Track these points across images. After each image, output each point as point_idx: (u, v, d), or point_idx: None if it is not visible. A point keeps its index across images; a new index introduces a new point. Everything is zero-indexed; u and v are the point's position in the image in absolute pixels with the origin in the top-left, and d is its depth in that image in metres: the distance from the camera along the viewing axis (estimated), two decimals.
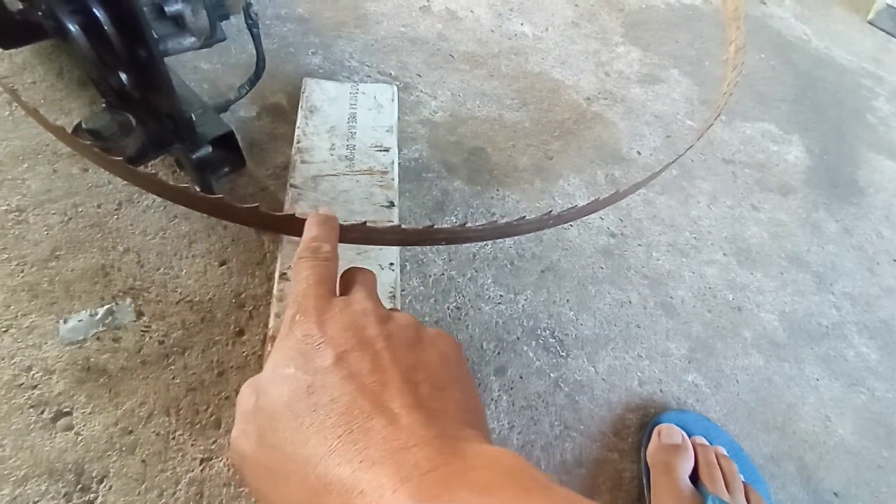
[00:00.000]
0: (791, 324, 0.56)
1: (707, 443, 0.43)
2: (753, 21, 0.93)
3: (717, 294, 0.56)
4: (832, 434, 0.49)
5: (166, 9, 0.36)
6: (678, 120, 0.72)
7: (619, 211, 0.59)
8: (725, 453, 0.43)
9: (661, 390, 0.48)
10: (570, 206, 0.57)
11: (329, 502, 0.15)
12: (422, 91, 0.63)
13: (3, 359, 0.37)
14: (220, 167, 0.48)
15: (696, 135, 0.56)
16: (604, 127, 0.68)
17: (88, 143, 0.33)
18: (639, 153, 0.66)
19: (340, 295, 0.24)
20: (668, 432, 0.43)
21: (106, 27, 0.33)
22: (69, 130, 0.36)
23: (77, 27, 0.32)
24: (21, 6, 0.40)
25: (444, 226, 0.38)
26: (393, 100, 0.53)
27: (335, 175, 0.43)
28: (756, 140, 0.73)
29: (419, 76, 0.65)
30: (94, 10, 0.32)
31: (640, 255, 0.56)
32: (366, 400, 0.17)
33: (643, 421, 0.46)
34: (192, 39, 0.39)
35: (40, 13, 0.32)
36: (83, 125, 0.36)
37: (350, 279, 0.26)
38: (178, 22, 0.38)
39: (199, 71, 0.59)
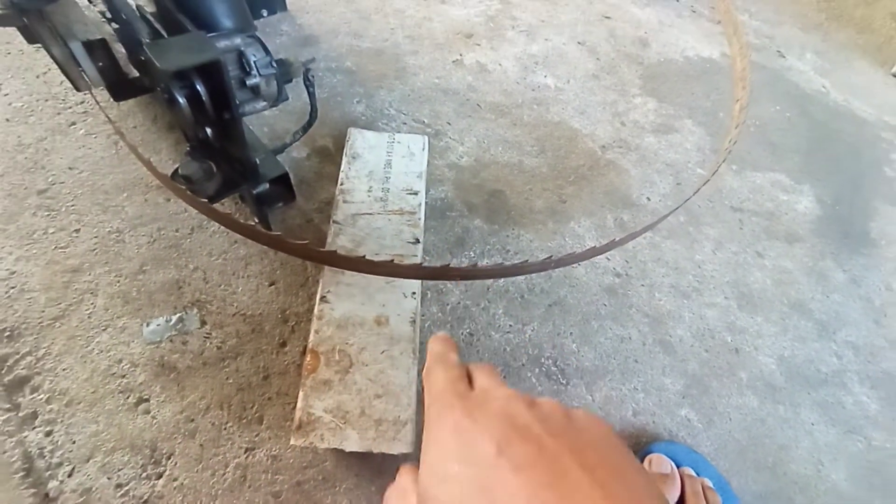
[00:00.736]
0: (789, 368, 0.58)
1: (695, 474, 0.47)
2: (771, 73, 0.97)
3: (715, 335, 0.59)
4: (824, 479, 0.52)
5: (247, 81, 0.46)
6: (689, 168, 0.77)
7: (625, 253, 0.64)
8: (711, 486, 0.46)
9: (653, 422, 0.52)
10: (579, 246, 0.63)
11: None
12: (450, 137, 0.71)
13: (101, 352, 0.46)
14: (276, 202, 0.57)
15: (693, 191, 0.61)
16: (616, 174, 0.73)
17: (182, 186, 0.42)
18: (648, 199, 0.71)
19: None
20: (657, 462, 0.47)
21: (203, 97, 0.43)
22: (167, 173, 0.45)
23: (184, 98, 0.42)
24: (137, 74, 0.51)
25: (459, 265, 0.45)
26: (424, 149, 0.61)
27: (371, 214, 0.51)
28: (766, 189, 0.77)
29: (449, 124, 0.73)
30: (197, 86, 0.42)
31: (642, 294, 0.61)
32: (548, 494, 0.16)
33: (634, 449, 0.50)
34: (264, 103, 0.49)
35: (159, 88, 0.42)
36: (179, 171, 0.46)
37: (470, 370, 0.25)
38: (254, 90, 0.48)
39: (261, 116, 0.69)
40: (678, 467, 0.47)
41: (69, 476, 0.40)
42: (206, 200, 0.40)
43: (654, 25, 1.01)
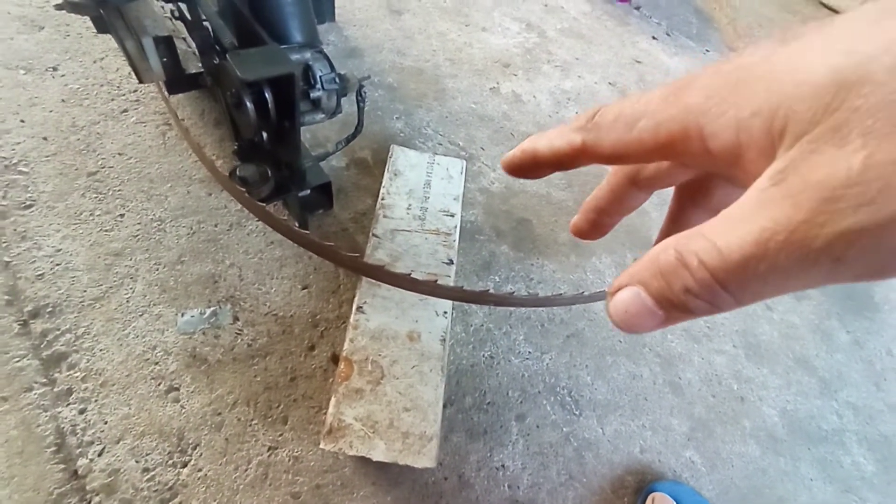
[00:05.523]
0: (791, 422, 0.60)
1: None
2: None
3: (722, 381, 0.61)
4: None
5: (311, 94, 0.48)
6: None
7: None
8: None
9: (659, 460, 0.53)
10: (600, 281, 0.65)
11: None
12: (483, 163, 0.74)
13: (137, 337, 0.47)
14: (317, 208, 0.59)
15: None
16: (637, 214, 0.76)
17: (241, 188, 0.44)
18: None
19: None
20: (661, 501, 0.49)
21: (270, 106, 0.45)
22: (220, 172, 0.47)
23: (252, 104, 0.44)
24: (192, 70, 0.53)
25: (495, 292, 0.47)
26: (461, 173, 0.63)
27: (409, 231, 0.53)
28: None
29: (483, 149, 0.76)
30: (266, 94, 0.44)
31: (656, 335, 0.63)
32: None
33: (640, 485, 0.51)
34: (322, 116, 0.51)
35: (229, 93, 0.44)
36: (237, 172, 0.47)
37: None
38: (315, 103, 0.50)
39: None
40: None
41: (99, 455, 0.41)
42: (262, 203, 0.42)
43: (682, 74, 1.05)
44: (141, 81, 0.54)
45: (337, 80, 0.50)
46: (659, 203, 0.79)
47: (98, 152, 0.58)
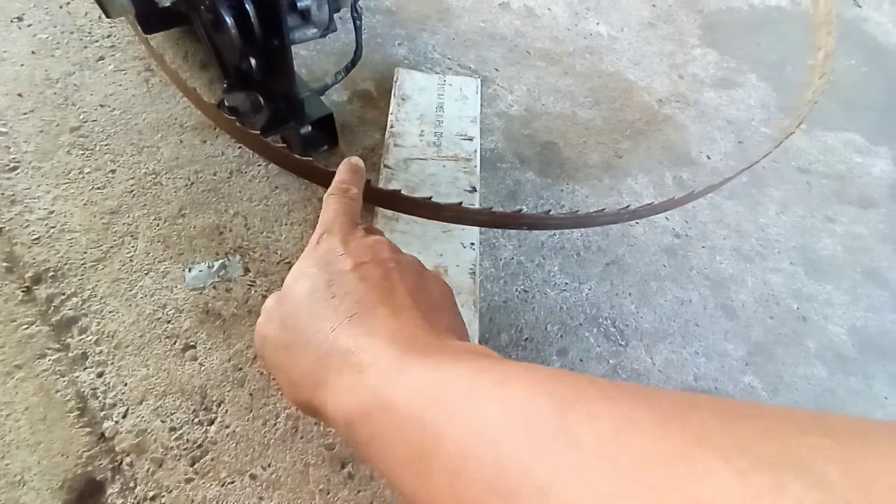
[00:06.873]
0: (862, 339, 0.55)
1: None
2: (845, 24, 0.89)
3: (780, 302, 0.56)
4: None
5: (298, 4, 0.42)
6: (752, 126, 0.71)
7: (684, 213, 0.60)
8: None
9: (716, 388, 0.49)
10: (637, 203, 0.59)
11: (332, 362, 0.19)
12: (499, 85, 0.66)
13: (145, 296, 0.44)
14: (321, 145, 0.53)
15: (774, 143, 0.56)
16: (674, 129, 0.68)
17: (231, 118, 0.38)
18: (708, 157, 0.66)
19: None
20: None
21: (252, 19, 0.39)
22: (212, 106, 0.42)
23: (232, 19, 0.37)
24: (167, 4, 0.46)
25: (530, 212, 0.41)
26: (476, 92, 0.56)
27: (424, 159, 0.48)
28: (837, 150, 0.71)
29: (497, 70, 0.68)
30: (246, 6, 0.38)
31: (703, 256, 0.57)
32: (374, 295, 0.21)
33: None
34: (314, 30, 0.44)
35: (203, 7, 0.38)
36: (225, 103, 0.42)
37: (372, 230, 0.29)
38: (304, 15, 0.43)
39: (297, 56, 0.64)
40: None
41: (123, 417, 0.38)
42: (258, 132, 0.37)
43: None
44: (108, 16, 0.48)
45: None
46: (697, 115, 0.70)
47: (78, 105, 0.53)
